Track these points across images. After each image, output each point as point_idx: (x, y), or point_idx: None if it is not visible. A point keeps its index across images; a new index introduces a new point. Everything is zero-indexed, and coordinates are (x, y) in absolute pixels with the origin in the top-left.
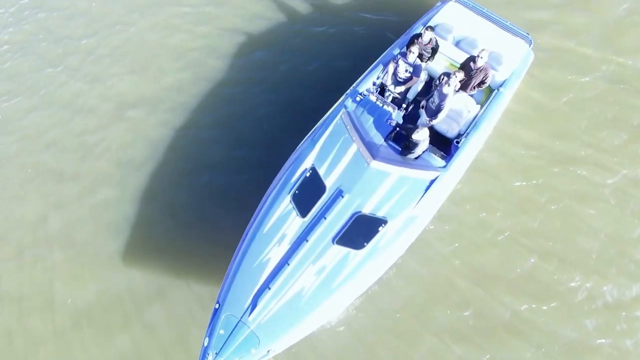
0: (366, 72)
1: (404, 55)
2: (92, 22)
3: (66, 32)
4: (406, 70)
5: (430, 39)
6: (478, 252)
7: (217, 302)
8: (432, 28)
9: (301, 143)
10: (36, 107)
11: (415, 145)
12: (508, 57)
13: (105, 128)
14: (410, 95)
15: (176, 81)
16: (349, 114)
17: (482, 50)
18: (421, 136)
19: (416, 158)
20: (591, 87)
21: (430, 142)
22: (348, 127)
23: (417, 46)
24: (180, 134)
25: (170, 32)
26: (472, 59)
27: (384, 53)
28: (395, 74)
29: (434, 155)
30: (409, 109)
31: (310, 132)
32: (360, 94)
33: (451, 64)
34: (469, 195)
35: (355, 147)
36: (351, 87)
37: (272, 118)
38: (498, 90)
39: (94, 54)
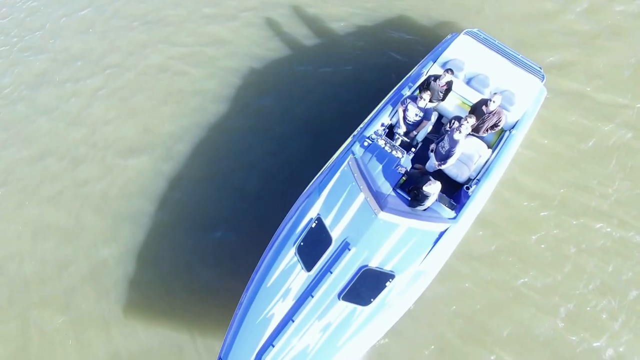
0: (373, 113)
1: (413, 99)
2: (88, 65)
3: (63, 76)
4: (416, 115)
5: (447, 82)
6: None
7: (220, 359)
8: (452, 71)
9: (306, 189)
10: (33, 157)
11: (425, 197)
12: (520, 96)
13: (104, 180)
14: (420, 137)
15: (176, 128)
16: (356, 160)
17: (495, 94)
18: (432, 189)
19: (425, 209)
20: (611, 134)
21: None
22: (355, 175)
23: (429, 92)
24: (181, 186)
25: (170, 76)
26: (485, 102)
27: (392, 92)
28: (404, 117)
29: (443, 206)
30: (418, 148)
31: (315, 177)
32: (368, 137)
33: (463, 102)
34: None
35: (362, 196)
36: (358, 129)
37: (276, 169)
38: (510, 132)
39: (91, 99)
